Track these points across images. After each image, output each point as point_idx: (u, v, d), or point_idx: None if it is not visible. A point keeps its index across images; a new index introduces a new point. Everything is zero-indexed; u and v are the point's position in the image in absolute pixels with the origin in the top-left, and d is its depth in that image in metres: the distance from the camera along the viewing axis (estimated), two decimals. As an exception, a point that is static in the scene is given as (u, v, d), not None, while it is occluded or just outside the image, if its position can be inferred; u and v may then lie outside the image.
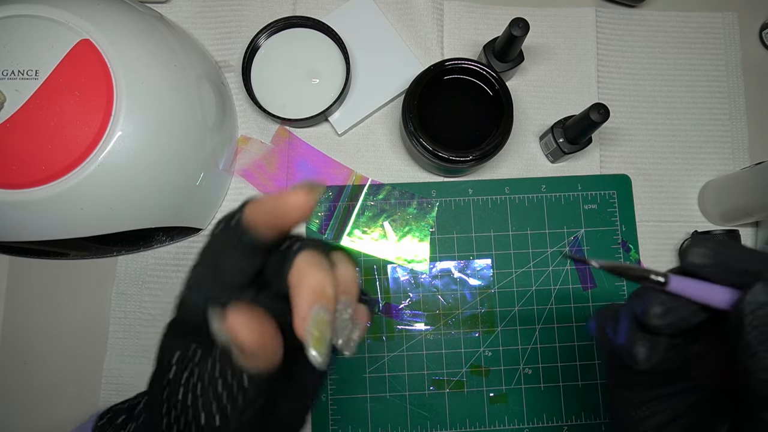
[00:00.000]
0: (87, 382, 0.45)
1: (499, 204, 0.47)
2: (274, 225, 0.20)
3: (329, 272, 0.19)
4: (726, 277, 0.19)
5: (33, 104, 0.33)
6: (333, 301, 0.19)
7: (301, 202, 0.19)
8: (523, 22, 0.41)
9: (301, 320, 0.18)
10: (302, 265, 0.19)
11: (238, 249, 0.20)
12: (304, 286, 0.18)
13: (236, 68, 0.48)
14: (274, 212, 0.19)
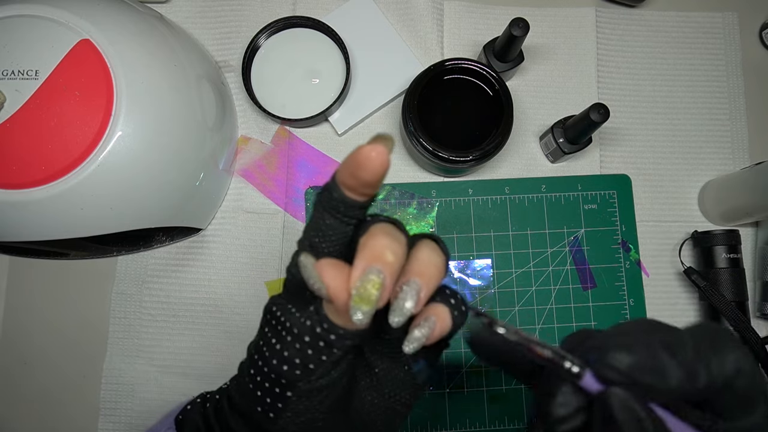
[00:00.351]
0: (87, 381, 0.45)
1: (499, 204, 0.47)
2: (355, 176, 0.19)
3: (398, 242, 0.19)
4: (649, 394, 0.17)
5: (33, 104, 0.33)
6: (392, 267, 0.18)
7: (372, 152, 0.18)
8: (523, 22, 0.41)
9: (352, 277, 0.18)
10: (373, 229, 0.20)
11: (332, 207, 0.21)
12: (367, 247, 0.19)
13: (236, 68, 0.48)
14: (354, 163, 0.19)
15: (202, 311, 0.45)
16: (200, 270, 0.46)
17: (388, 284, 0.18)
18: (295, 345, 0.21)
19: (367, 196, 0.20)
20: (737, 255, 0.45)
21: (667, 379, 0.16)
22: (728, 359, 0.17)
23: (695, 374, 0.16)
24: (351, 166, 0.19)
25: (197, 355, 0.45)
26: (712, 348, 0.17)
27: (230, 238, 0.46)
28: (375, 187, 0.20)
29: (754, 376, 0.17)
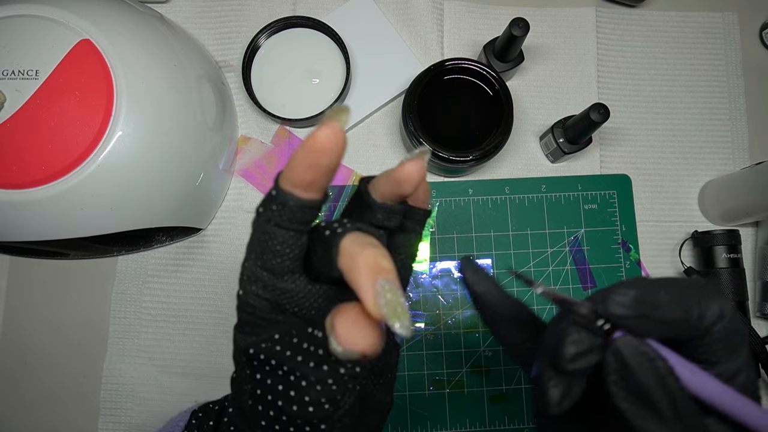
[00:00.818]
0: (87, 381, 0.45)
1: (499, 204, 0.47)
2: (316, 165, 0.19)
3: (379, 246, 0.19)
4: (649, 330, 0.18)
5: (33, 104, 0.33)
6: (393, 272, 0.18)
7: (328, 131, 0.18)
8: (523, 22, 0.41)
9: (370, 300, 0.17)
10: (348, 247, 0.19)
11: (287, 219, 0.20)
12: (359, 266, 0.18)
13: (236, 68, 0.48)
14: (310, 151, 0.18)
15: (202, 311, 0.45)
16: (200, 270, 0.46)
17: (400, 288, 0.18)
18: (316, 387, 0.20)
19: (324, 190, 0.20)
20: (737, 255, 0.45)
21: (668, 311, 0.18)
22: (715, 303, 0.18)
23: (689, 310, 0.18)
24: (309, 158, 0.18)
25: (197, 355, 0.45)
26: (702, 293, 0.18)
27: (230, 238, 0.46)
28: (334, 172, 0.19)
29: (737, 322, 0.19)
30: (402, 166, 0.21)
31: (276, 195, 0.20)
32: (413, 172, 0.20)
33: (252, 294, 0.21)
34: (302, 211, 0.20)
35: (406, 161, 0.21)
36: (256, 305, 0.21)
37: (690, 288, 0.19)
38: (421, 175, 0.21)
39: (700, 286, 0.19)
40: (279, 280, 0.21)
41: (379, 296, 0.17)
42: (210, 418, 0.27)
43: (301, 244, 0.20)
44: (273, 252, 0.20)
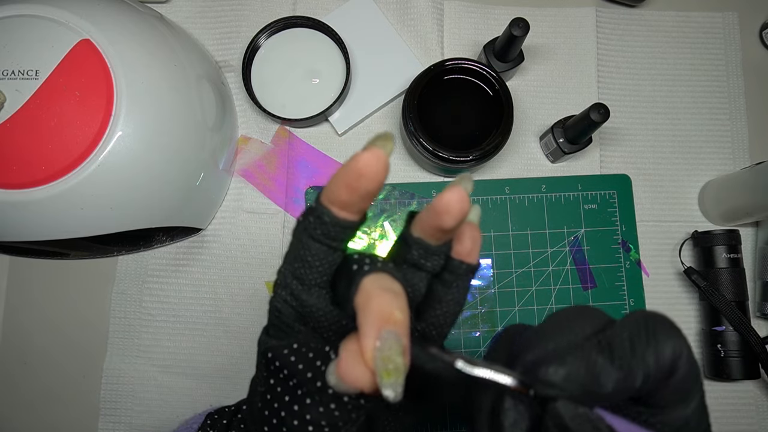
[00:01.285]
0: (87, 381, 0.45)
1: (499, 204, 0.47)
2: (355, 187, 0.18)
3: (399, 295, 0.18)
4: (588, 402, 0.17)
5: (33, 104, 0.33)
6: (404, 326, 0.17)
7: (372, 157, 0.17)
8: (523, 22, 0.41)
9: (367, 349, 0.16)
10: (368, 286, 0.18)
11: (322, 233, 0.19)
12: (371, 310, 0.17)
13: (236, 68, 0.48)
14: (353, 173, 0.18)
15: (202, 311, 0.45)
16: (200, 270, 0.46)
17: (407, 345, 0.17)
18: (318, 408, 0.19)
19: (362, 213, 0.19)
20: (737, 255, 0.45)
21: (604, 385, 0.16)
22: (665, 350, 0.17)
23: (632, 374, 0.17)
24: (349, 178, 0.18)
25: (197, 355, 0.45)
26: (648, 339, 0.17)
27: (230, 238, 0.46)
28: (373, 197, 0.19)
29: (690, 365, 0.17)
30: (441, 194, 0.19)
31: (314, 207, 0.19)
32: (452, 201, 0.19)
33: (280, 298, 0.21)
34: (336, 228, 0.19)
35: (446, 189, 0.19)
36: (282, 310, 0.21)
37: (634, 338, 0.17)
38: (462, 206, 0.19)
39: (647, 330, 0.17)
40: (304, 291, 0.20)
41: (377, 348, 0.16)
42: (224, 418, 0.27)
43: (332, 260, 0.20)
44: (304, 262, 0.20)
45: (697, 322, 0.47)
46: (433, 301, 0.23)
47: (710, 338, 0.45)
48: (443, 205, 0.19)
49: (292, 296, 0.21)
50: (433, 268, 0.22)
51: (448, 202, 0.19)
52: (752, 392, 0.46)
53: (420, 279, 0.22)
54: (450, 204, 0.19)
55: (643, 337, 0.17)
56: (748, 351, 0.44)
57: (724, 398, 0.46)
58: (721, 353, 0.44)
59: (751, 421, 0.46)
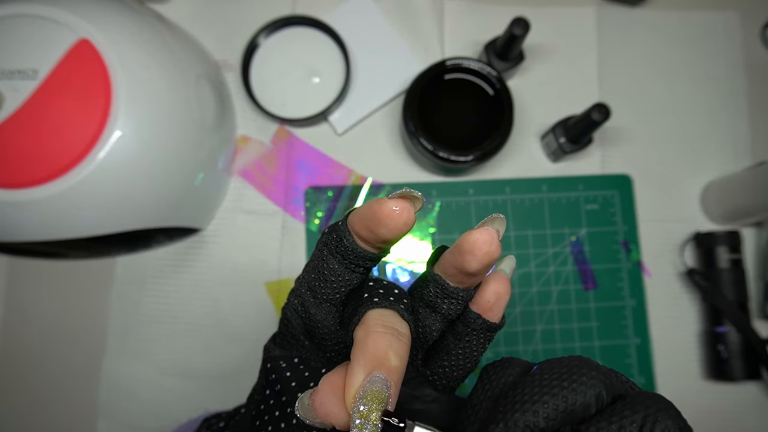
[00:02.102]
0: (86, 382, 0.45)
1: (500, 204, 0.47)
2: (373, 232, 0.17)
3: (401, 339, 0.16)
4: None
5: (31, 104, 0.33)
6: (397, 373, 0.16)
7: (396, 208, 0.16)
8: (524, 22, 0.41)
9: (351, 387, 0.15)
10: (371, 321, 0.17)
11: (339, 252, 0.19)
12: (367, 347, 0.16)
13: (236, 67, 0.48)
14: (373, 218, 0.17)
15: (201, 312, 0.45)
16: (199, 270, 0.46)
17: (394, 393, 0.16)
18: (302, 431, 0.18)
19: (380, 249, 0.19)
20: (739, 255, 0.45)
21: None
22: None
23: None
24: (369, 220, 0.17)
25: (196, 356, 0.45)
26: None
27: (230, 239, 0.46)
28: (392, 244, 0.18)
29: None
30: (469, 232, 0.17)
31: (338, 227, 0.19)
32: (479, 242, 0.17)
33: (291, 307, 0.20)
34: (355, 254, 0.18)
35: (477, 227, 0.17)
36: (291, 319, 0.20)
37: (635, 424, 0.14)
38: (489, 249, 0.17)
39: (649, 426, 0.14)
40: (315, 304, 0.20)
41: (362, 390, 0.15)
42: (222, 421, 0.27)
43: (348, 280, 0.19)
44: (320, 275, 0.19)
45: (698, 323, 0.47)
46: (442, 351, 0.21)
47: (712, 339, 0.45)
48: (468, 244, 0.17)
49: (303, 307, 0.20)
50: (448, 312, 0.20)
51: (474, 242, 0.17)
52: (754, 393, 0.46)
53: (434, 321, 0.20)
54: (476, 245, 0.17)
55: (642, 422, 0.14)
56: (750, 352, 0.43)
57: (725, 399, 0.46)
58: (723, 354, 0.44)
59: (752, 422, 0.45)
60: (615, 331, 0.46)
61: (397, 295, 0.19)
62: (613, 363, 0.45)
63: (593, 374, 0.15)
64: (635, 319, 0.46)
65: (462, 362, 0.21)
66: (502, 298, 0.20)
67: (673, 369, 0.46)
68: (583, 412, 0.15)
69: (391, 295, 0.18)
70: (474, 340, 0.20)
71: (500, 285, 0.20)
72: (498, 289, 0.20)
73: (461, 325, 0.20)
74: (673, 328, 0.47)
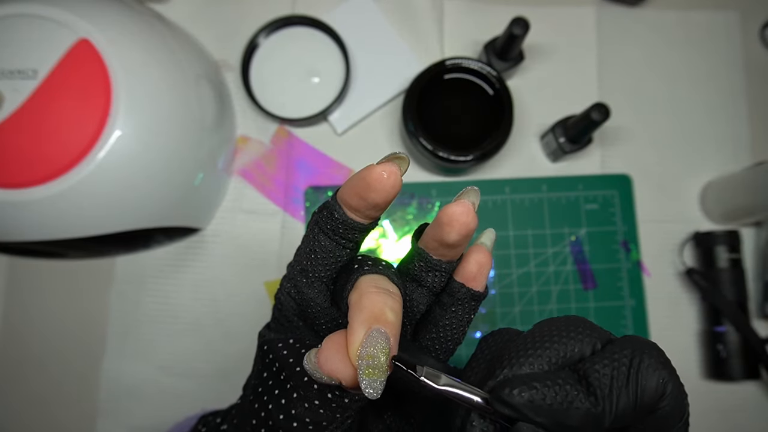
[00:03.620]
0: (86, 382, 0.45)
1: (500, 204, 0.47)
2: (363, 197, 0.18)
3: (394, 297, 0.18)
4: None
5: (31, 104, 0.33)
6: (394, 327, 0.17)
7: (384, 172, 0.17)
8: (523, 22, 0.41)
9: (353, 344, 0.16)
10: (364, 285, 0.18)
11: (330, 228, 0.19)
12: (363, 308, 0.17)
13: (235, 67, 0.48)
14: (362, 183, 0.18)
15: (201, 312, 0.45)
16: (199, 270, 0.46)
17: (394, 346, 0.17)
18: (303, 404, 0.19)
19: (372, 218, 0.19)
20: (738, 255, 0.45)
21: (572, 417, 0.15)
22: (646, 389, 0.16)
23: (603, 413, 0.16)
24: (359, 186, 0.18)
25: (196, 356, 0.45)
26: (629, 379, 0.16)
27: (229, 238, 0.46)
28: (383, 209, 0.19)
29: (673, 404, 0.16)
30: (446, 206, 0.18)
31: (329, 203, 0.19)
32: (456, 213, 0.18)
33: (284, 290, 0.21)
34: (345, 226, 0.19)
35: (453, 201, 0.19)
36: (284, 303, 0.21)
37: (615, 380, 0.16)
38: (466, 219, 0.18)
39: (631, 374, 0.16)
40: (307, 284, 0.20)
41: (363, 344, 0.16)
42: (218, 416, 0.27)
43: (338, 256, 0.20)
44: (312, 254, 0.20)
45: (698, 323, 0.47)
46: (429, 323, 0.22)
47: (711, 339, 0.45)
48: (446, 216, 0.18)
49: (295, 289, 0.21)
50: (432, 284, 0.21)
51: (451, 213, 0.18)
52: (753, 393, 0.46)
53: (420, 294, 0.21)
54: (453, 216, 0.18)
55: (624, 374, 0.16)
56: (749, 351, 0.44)
57: (724, 399, 0.46)
58: (722, 354, 0.44)
59: (751, 422, 0.46)
60: (614, 330, 0.45)
61: (385, 265, 0.20)
62: (613, 363, 0.45)
63: (588, 326, 0.17)
64: (635, 318, 0.46)
65: (450, 333, 0.22)
66: (484, 267, 0.21)
67: (672, 369, 0.46)
68: (579, 357, 0.17)
69: (379, 264, 0.19)
70: (460, 310, 0.21)
71: (481, 255, 0.21)
72: (480, 259, 0.21)
73: (446, 296, 0.21)
74: (672, 327, 0.47)
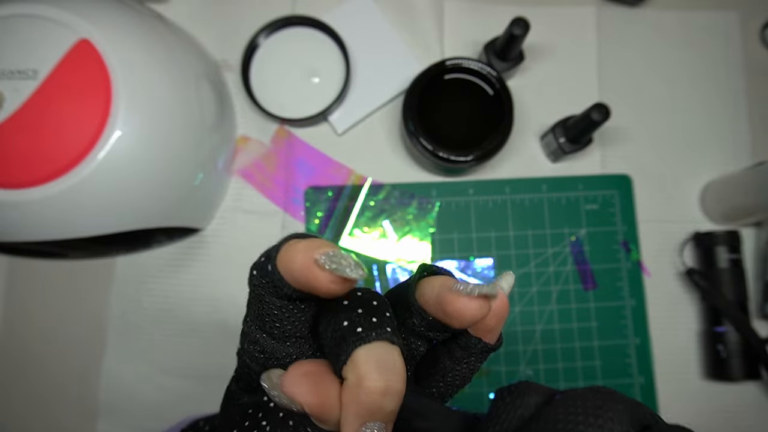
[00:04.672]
0: (86, 383, 0.45)
1: (500, 204, 0.47)
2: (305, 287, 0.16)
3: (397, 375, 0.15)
4: None
5: (31, 104, 0.33)
6: (394, 414, 0.15)
7: (331, 286, 0.15)
8: (523, 22, 0.41)
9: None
10: (362, 363, 0.15)
11: (279, 297, 0.17)
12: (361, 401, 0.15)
13: (235, 67, 0.48)
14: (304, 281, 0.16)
15: (201, 312, 0.45)
16: (199, 270, 0.46)
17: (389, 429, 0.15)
18: None
19: None
20: (738, 255, 0.45)
21: None
22: None
23: None
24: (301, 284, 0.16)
25: (197, 357, 0.45)
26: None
27: (229, 239, 0.46)
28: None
29: None
30: (454, 296, 0.16)
31: (270, 272, 0.16)
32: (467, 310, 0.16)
33: (248, 354, 0.19)
34: (297, 294, 0.17)
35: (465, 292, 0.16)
36: (252, 367, 0.19)
37: None
38: (477, 316, 0.16)
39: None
40: (279, 345, 0.18)
41: None
42: (207, 424, 0.27)
43: (306, 310, 0.18)
44: (270, 316, 0.17)
45: (698, 323, 0.47)
46: (437, 374, 0.20)
47: (711, 339, 0.45)
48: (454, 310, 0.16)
49: (263, 353, 0.18)
50: (435, 338, 0.19)
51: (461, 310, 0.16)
52: (753, 393, 0.46)
53: (420, 345, 0.19)
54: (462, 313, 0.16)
55: None
56: (749, 352, 0.43)
57: (724, 399, 0.46)
58: (722, 354, 0.44)
59: (751, 422, 0.45)
60: (614, 331, 0.46)
61: (379, 312, 0.17)
62: (613, 363, 0.45)
63: (619, 408, 0.14)
64: (635, 319, 0.46)
65: (459, 382, 0.20)
66: (502, 318, 0.18)
67: (672, 369, 0.46)
68: None
69: (373, 315, 0.16)
70: (472, 362, 0.20)
71: (501, 306, 0.18)
72: (499, 312, 0.18)
73: (459, 349, 0.19)
74: (672, 327, 0.47)
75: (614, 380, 0.45)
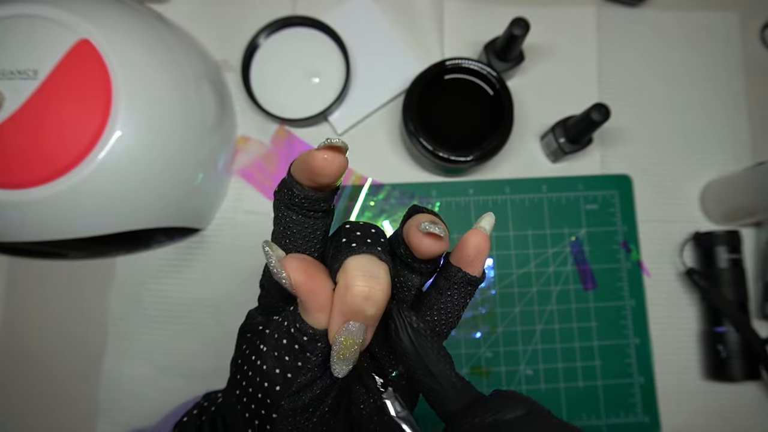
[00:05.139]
0: (86, 382, 0.45)
1: (500, 204, 0.47)
2: (312, 180, 0.19)
3: (380, 284, 0.18)
4: None
5: (32, 104, 0.33)
6: (373, 320, 0.18)
7: (326, 157, 0.18)
8: (523, 22, 0.41)
9: (331, 330, 0.18)
10: (350, 270, 0.18)
11: (295, 204, 0.20)
12: (345, 298, 0.17)
13: (236, 67, 0.48)
14: (308, 169, 0.18)
15: (201, 312, 0.45)
16: (200, 270, 0.46)
17: (369, 338, 0.18)
18: (273, 353, 0.20)
19: (330, 187, 0.20)
20: (738, 255, 0.45)
21: None
22: None
23: None
24: (306, 171, 0.18)
25: (197, 356, 0.45)
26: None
27: (230, 239, 0.46)
28: (334, 182, 0.19)
29: None
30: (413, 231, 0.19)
31: (286, 181, 0.20)
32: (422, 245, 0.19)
33: (267, 277, 0.21)
34: (308, 200, 0.19)
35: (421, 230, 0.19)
36: (268, 289, 0.21)
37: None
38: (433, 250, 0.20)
39: None
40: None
41: (339, 334, 0.17)
42: (219, 392, 0.28)
43: (315, 228, 0.20)
44: (287, 232, 0.20)
45: (698, 323, 0.47)
46: (425, 306, 0.22)
47: (711, 339, 0.45)
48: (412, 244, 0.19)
49: None
50: (420, 269, 0.21)
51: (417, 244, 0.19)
52: (753, 393, 0.46)
53: (410, 277, 0.21)
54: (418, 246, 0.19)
55: None
56: (749, 352, 0.44)
57: (725, 399, 0.46)
58: (722, 354, 0.44)
59: (751, 422, 0.46)
60: (615, 331, 0.46)
61: (374, 236, 0.19)
62: (613, 363, 0.45)
63: None
64: (635, 319, 0.46)
65: (444, 317, 0.22)
66: (482, 252, 0.20)
67: (672, 369, 0.46)
68: None
69: (368, 237, 0.19)
70: (456, 294, 0.21)
71: (480, 240, 0.20)
72: (478, 244, 0.20)
73: (443, 279, 0.21)
74: (672, 328, 0.47)
75: (614, 380, 0.45)
